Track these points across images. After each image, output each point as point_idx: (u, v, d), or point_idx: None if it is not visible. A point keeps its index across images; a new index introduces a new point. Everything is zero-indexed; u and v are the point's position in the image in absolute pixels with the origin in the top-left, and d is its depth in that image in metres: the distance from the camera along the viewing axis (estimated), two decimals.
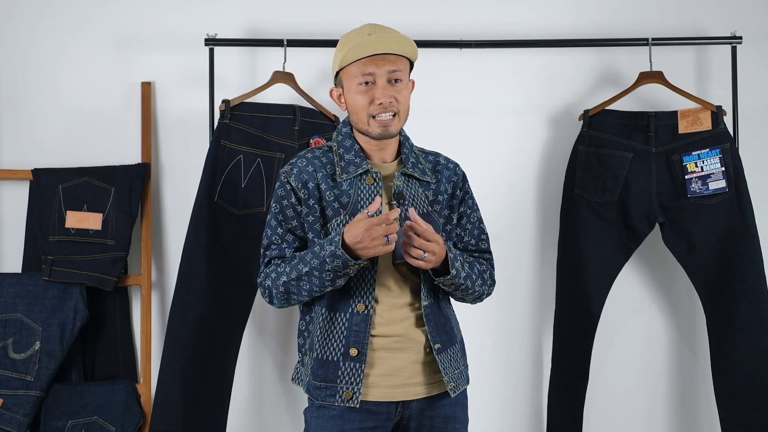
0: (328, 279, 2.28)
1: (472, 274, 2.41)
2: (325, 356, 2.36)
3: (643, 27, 3.46)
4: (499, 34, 3.43)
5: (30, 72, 3.39)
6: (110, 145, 3.38)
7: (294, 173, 2.42)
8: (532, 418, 3.49)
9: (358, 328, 2.34)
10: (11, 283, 3.19)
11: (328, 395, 2.36)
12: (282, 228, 2.41)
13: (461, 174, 2.54)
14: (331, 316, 2.38)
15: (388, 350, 2.36)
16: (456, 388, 2.41)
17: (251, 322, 3.31)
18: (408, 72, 2.43)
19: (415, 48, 2.42)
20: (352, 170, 2.40)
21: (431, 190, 2.46)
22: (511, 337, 3.48)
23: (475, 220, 2.54)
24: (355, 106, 2.40)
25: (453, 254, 2.35)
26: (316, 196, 2.40)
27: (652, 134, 3.31)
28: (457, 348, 2.45)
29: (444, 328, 2.42)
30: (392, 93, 2.36)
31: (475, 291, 2.44)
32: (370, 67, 2.35)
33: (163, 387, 3.13)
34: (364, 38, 2.37)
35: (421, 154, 2.52)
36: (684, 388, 3.51)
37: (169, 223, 3.41)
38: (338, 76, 2.44)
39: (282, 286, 2.36)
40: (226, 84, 3.37)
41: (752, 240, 3.24)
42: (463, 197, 2.52)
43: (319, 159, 2.44)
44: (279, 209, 2.42)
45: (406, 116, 2.43)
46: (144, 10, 3.42)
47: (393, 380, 2.36)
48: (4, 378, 3.12)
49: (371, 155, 2.45)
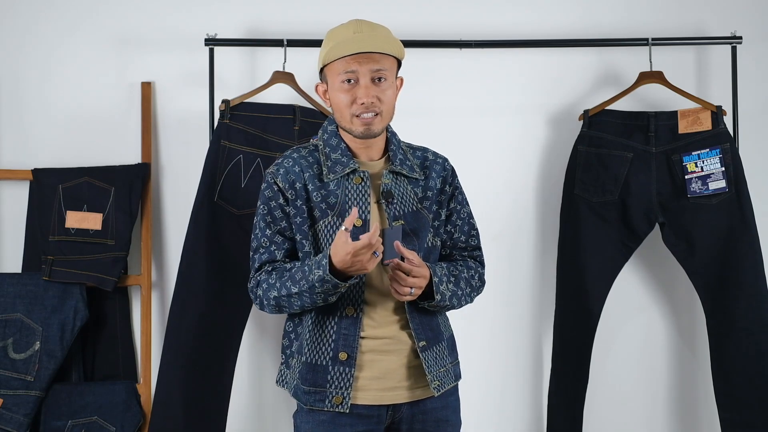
0: (319, 299, 2.27)
1: (458, 290, 2.38)
2: (315, 360, 2.34)
3: (643, 27, 3.46)
4: (499, 34, 3.43)
5: (30, 72, 3.39)
6: (110, 145, 3.38)
7: (281, 174, 2.39)
8: (532, 418, 3.49)
9: (347, 331, 2.32)
10: (11, 283, 3.19)
11: (317, 400, 2.33)
12: (270, 229, 2.39)
13: (450, 169, 2.50)
14: (321, 320, 2.35)
15: (378, 353, 2.34)
16: (441, 387, 2.37)
17: (251, 322, 3.31)
18: (394, 70, 2.39)
19: (400, 46, 2.38)
20: (339, 170, 2.37)
21: (420, 187, 2.42)
22: (511, 337, 3.48)
23: (465, 216, 2.50)
24: (338, 105, 2.36)
25: (438, 278, 2.32)
26: (303, 196, 2.37)
27: (652, 134, 3.31)
28: (444, 345, 2.41)
29: (429, 324, 2.39)
30: (375, 92, 2.32)
31: (463, 303, 2.42)
32: (353, 65, 2.32)
33: (162, 387, 3.13)
34: (348, 36, 2.34)
35: (408, 150, 2.48)
36: (684, 388, 3.51)
37: (169, 223, 3.41)
38: (323, 71, 2.41)
39: (273, 300, 2.34)
40: (226, 84, 3.37)
41: (752, 240, 3.24)
42: (453, 193, 2.48)
43: (305, 158, 2.41)
44: (267, 210, 2.39)
45: (390, 115, 2.40)
46: (144, 10, 3.42)
47: (383, 383, 2.34)
48: (4, 378, 3.12)
49: (358, 153, 2.41)
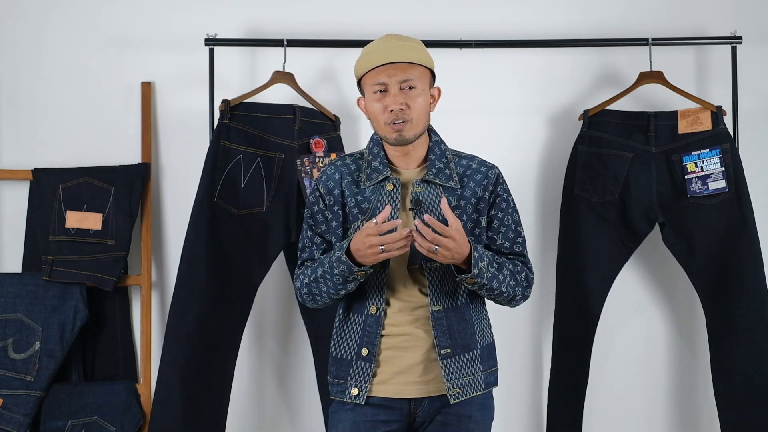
0: (339, 282, 2.37)
1: (499, 275, 2.40)
2: (340, 354, 2.47)
3: (643, 27, 3.46)
4: (499, 34, 3.43)
5: (30, 72, 3.39)
6: (110, 145, 3.38)
7: (322, 180, 2.51)
8: (532, 418, 3.49)
9: (371, 329, 2.43)
10: (11, 283, 3.19)
11: (338, 391, 2.46)
12: (312, 232, 2.52)
13: (494, 177, 2.51)
14: (347, 317, 2.47)
15: (398, 349, 2.42)
16: (460, 395, 2.41)
17: (251, 322, 3.31)
18: (425, 80, 2.46)
19: (429, 57, 2.47)
20: (375, 177, 2.46)
21: (455, 196, 2.46)
22: (511, 337, 3.47)
23: (510, 223, 2.51)
24: (373, 114, 2.46)
25: (479, 254, 2.35)
26: (340, 201, 2.48)
27: (652, 134, 3.31)
28: (475, 354, 2.45)
29: (461, 333, 2.43)
30: (403, 100, 2.40)
31: (503, 292, 2.42)
32: (382, 76, 2.41)
33: (162, 387, 3.13)
34: (376, 47, 2.44)
35: (454, 158, 2.52)
36: (684, 388, 3.51)
37: (169, 223, 3.41)
38: (360, 85, 2.51)
39: (305, 287, 2.47)
40: (226, 84, 3.37)
41: (752, 240, 3.24)
42: (494, 200, 2.50)
43: (348, 166, 2.51)
44: (310, 214, 2.52)
45: (422, 122, 2.45)
46: (144, 10, 3.42)
47: (405, 378, 2.42)
48: (4, 378, 3.12)
49: (396, 162, 2.49)
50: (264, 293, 3.36)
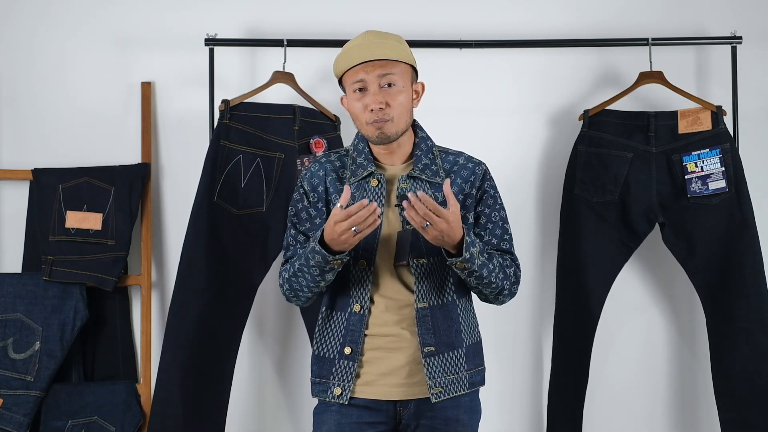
0: (316, 274, 2.34)
1: (489, 264, 2.37)
2: (323, 353, 2.44)
3: (643, 27, 3.46)
4: (498, 34, 3.43)
5: (30, 72, 3.39)
6: (110, 145, 3.38)
7: (306, 177, 2.49)
8: (532, 418, 3.49)
9: (354, 327, 2.40)
10: (11, 283, 3.19)
11: (321, 391, 2.44)
12: (295, 230, 2.49)
13: (480, 173, 2.49)
14: (330, 315, 2.44)
15: (385, 350, 2.39)
16: (444, 393, 2.39)
17: (251, 321, 3.31)
18: (406, 76, 2.43)
19: (408, 52, 2.43)
20: (359, 173, 2.44)
21: (442, 192, 2.42)
22: (511, 337, 3.47)
23: (497, 219, 2.48)
24: (354, 113, 2.45)
25: (471, 239, 2.32)
26: (324, 198, 2.46)
27: (652, 134, 3.31)
28: (460, 353, 2.42)
29: (446, 331, 2.41)
30: (383, 98, 2.38)
31: (492, 282, 2.38)
32: (360, 74, 2.39)
33: (162, 387, 3.13)
34: (354, 45, 2.41)
35: (441, 154, 2.50)
36: (684, 388, 3.51)
37: (169, 223, 3.41)
38: (341, 84, 2.49)
39: (287, 283, 2.45)
40: (226, 84, 3.37)
41: (752, 240, 3.24)
42: (481, 196, 2.48)
43: (333, 163, 2.49)
44: (294, 212, 2.50)
45: (404, 120, 2.42)
46: (144, 10, 3.42)
47: (391, 379, 2.39)
48: (4, 378, 3.12)
49: (381, 158, 2.48)
50: (264, 293, 3.36)
